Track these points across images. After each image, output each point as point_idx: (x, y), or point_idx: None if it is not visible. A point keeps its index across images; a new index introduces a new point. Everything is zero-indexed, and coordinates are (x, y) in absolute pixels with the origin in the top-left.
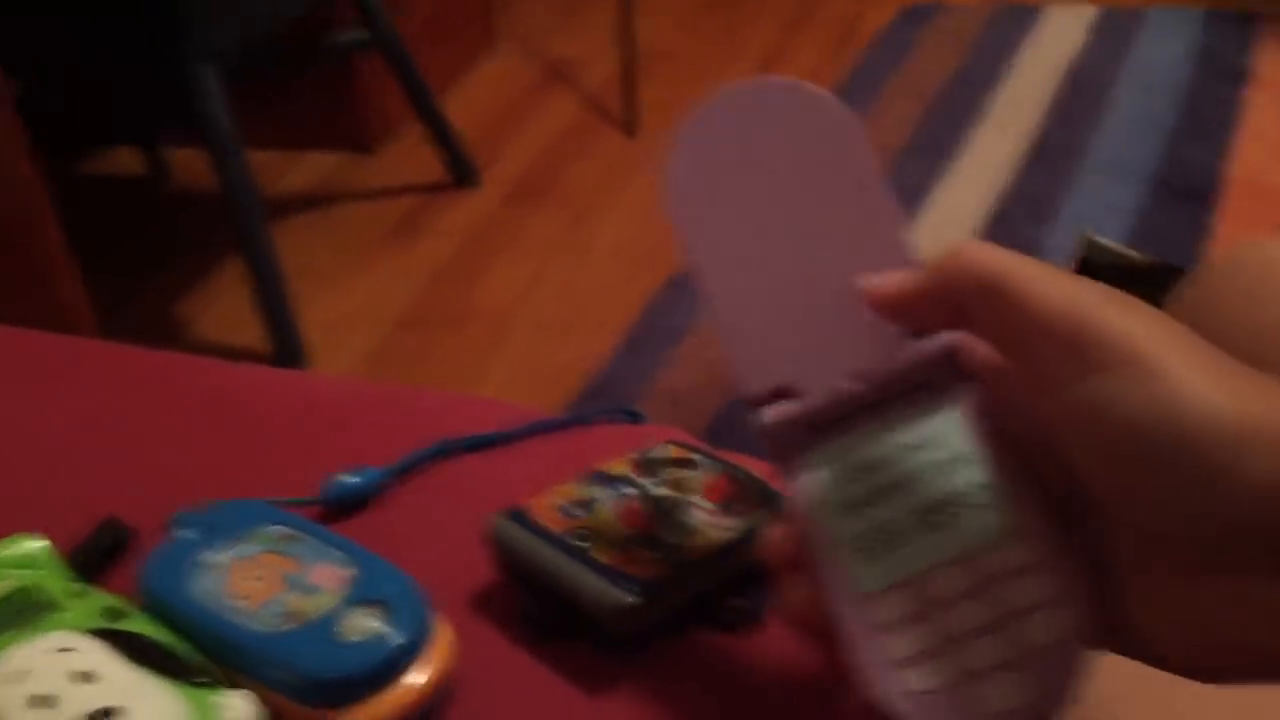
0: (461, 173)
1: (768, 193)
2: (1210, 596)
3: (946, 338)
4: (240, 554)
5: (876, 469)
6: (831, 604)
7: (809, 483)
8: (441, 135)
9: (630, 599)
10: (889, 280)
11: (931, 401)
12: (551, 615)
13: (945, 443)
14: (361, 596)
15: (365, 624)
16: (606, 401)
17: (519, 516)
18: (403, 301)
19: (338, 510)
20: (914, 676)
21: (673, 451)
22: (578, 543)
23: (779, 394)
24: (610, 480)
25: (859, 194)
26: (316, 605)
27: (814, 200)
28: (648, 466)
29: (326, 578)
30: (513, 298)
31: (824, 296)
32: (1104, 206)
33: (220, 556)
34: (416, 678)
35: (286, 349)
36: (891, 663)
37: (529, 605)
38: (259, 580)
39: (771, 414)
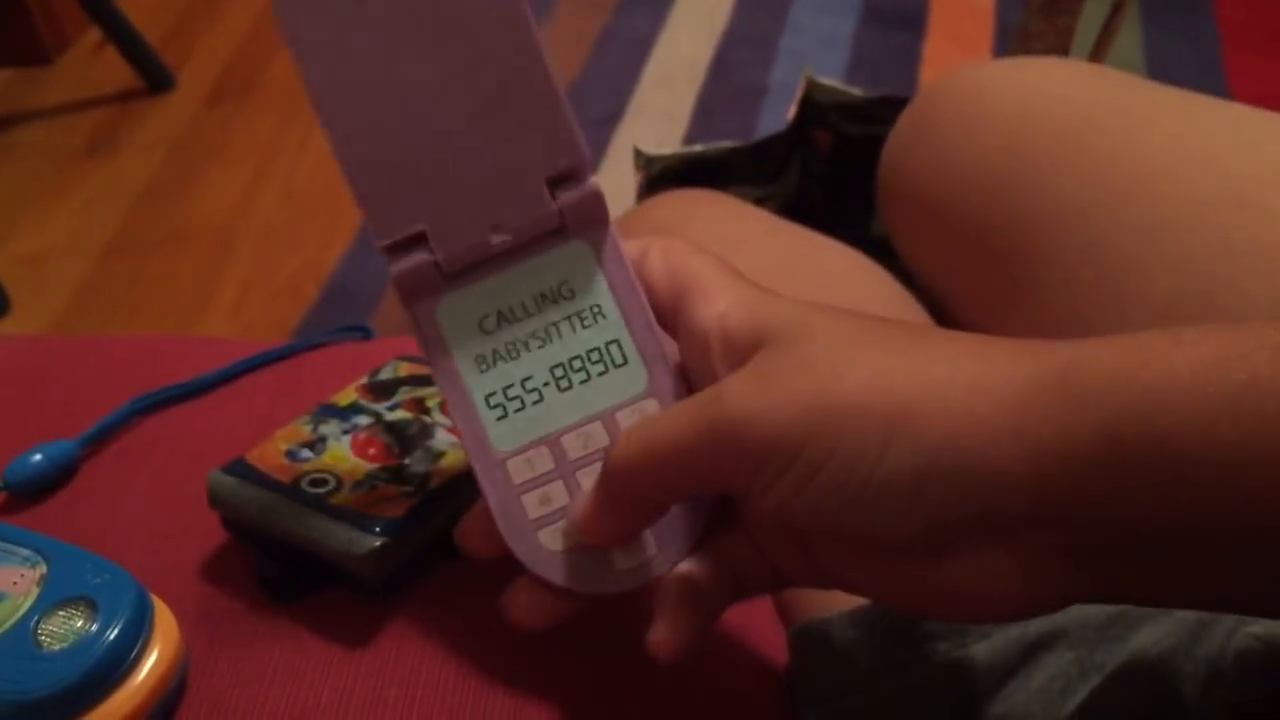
0: (153, 77)
1: (393, 13)
2: (934, 572)
3: (594, 183)
4: None
5: (510, 321)
6: (470, 461)
7: (439, 336)
8: (124, 38)
9: (375, 542)
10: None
11: (569, 245)
12: (290, 574)
13: (582, 292)
14: (59, 596)
15: (68, 627)
16: (348, 307)
17: (241, 469)
18: (109, 226)
19: (26, 496)
20: (548, 535)
21: (403, 369)
22: (311, 489)
23: (412, 241)
24: (339, 412)
25: (497, 20)
26: (5, 615)
27: (447, 27)
28: (379, 389)
29: (12, 581)
30: (230, 209)
31: (459, 135)
32: (820, 40)
33: None
34: (141, 675)
35: None
36: (528, 522)
37: (264, 566)
38: None
39: (400, 265)
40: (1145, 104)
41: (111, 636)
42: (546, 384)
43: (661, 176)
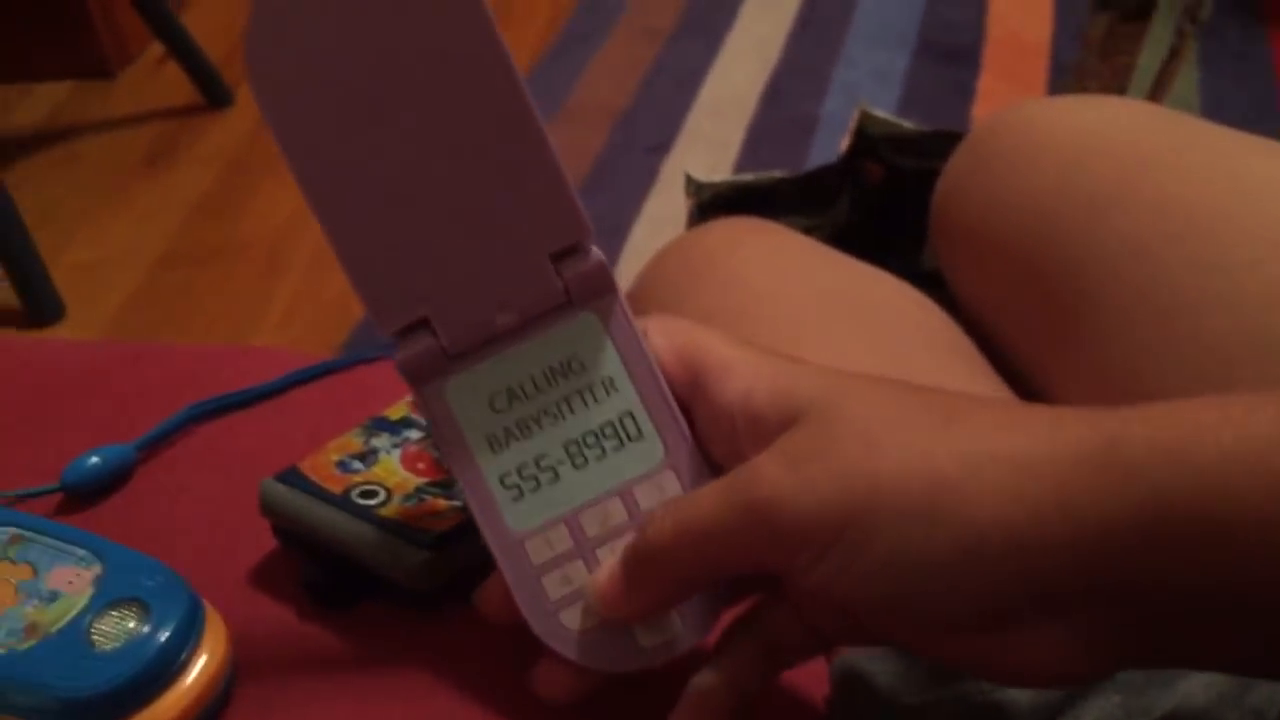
0: (213, 93)
1: (374, 84)
2: (998, 643)
3: (598, 254)
4: None
5: (521, 399)
6: (486, 543)
7: (449, 418)
8: (185, 53)
9: (422, 554)
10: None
11: (576, 317)
12: (338, 583)
13: (593, 365)
14: (112, 596)
15: (121, 627)
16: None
17: (293, 478)
18: (163, 238)
19: (82, 497)
20: (569, 615)
21: None
22: (361, 500)
23: (415, 325)
24: (391, 425)
25: (487, 89)
26: (60, 614)
27: (439, 105)
28: None
29: (68, 580)
30: (282, 223)
31: (457, 215)
32: (873, 73)
33: None
34: (190, 677)
35: (38, 303)
36: (549, 603)
37: (312, 574)
38: None
39: (405, 351)
40: (1202, 144)
41: (162, 638)
42: (561, 461)
43: (712, 203)
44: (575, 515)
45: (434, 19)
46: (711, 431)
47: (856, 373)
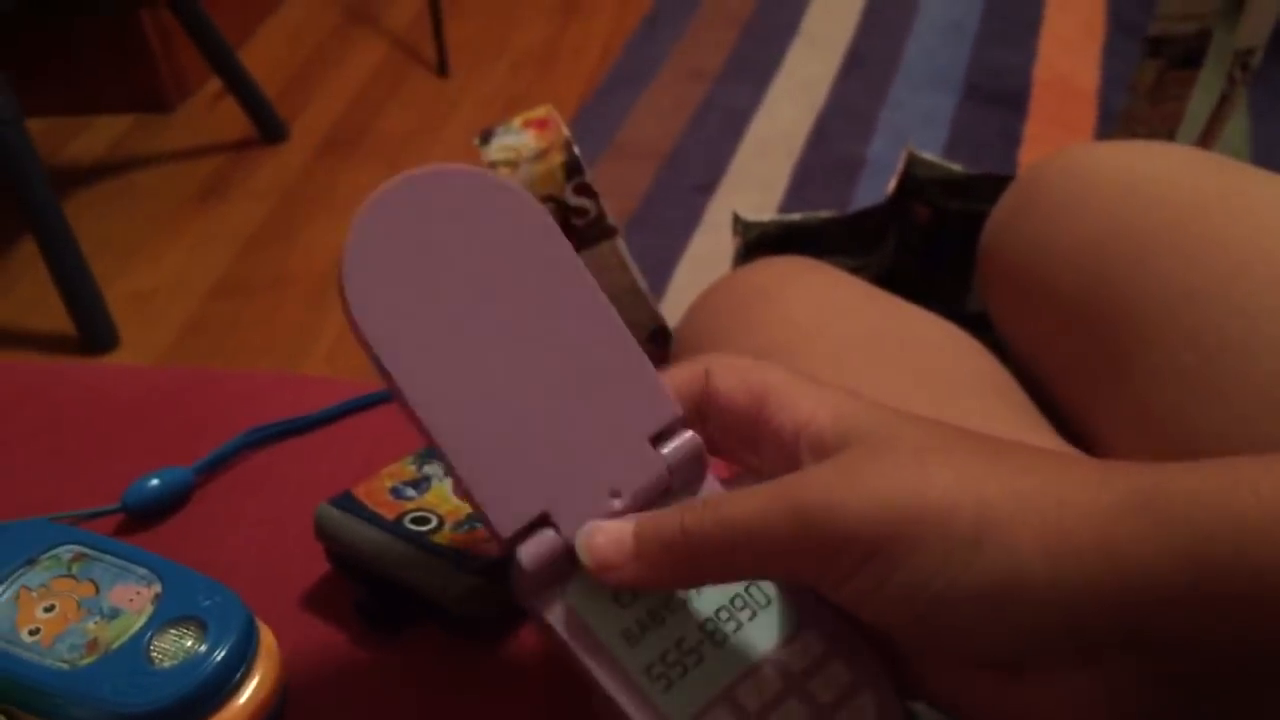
0: (268, 128)
1: (469, 303)
2: (1017, 690)
3: (693, 435)
4: (27, 583)
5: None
6: None
7: (578, 622)
8: (243, 89)
9: (471, 581)
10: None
11: (678, 497)
12: (389, 607)
13: None
14: (171, 615)
15: (178, 645)
16: None
17: (347, 503)
18: (216, 269)
19: (142, 518)
20: None
21: None
22: (413, 527)
23: (533, 526)
24: None
25: (566, 292)
26: (121, 630)
27: (520, 306)
28: None
29: (129, 598)
30: (332, 256)
31: (555, 411)
32: (920, 116)
33: (3, 589)
34: (244, 697)
35: (93, 330)
36: None
37: (364, 598)
38: (51, 610)
39: (530, 552)
40: (1251, 190)
41: (219, 657)
42: (701, 641)
43: (758, 242)
44: (731, 691)
45: (517, 242)
46: (775, 458)
47: (913, 413)
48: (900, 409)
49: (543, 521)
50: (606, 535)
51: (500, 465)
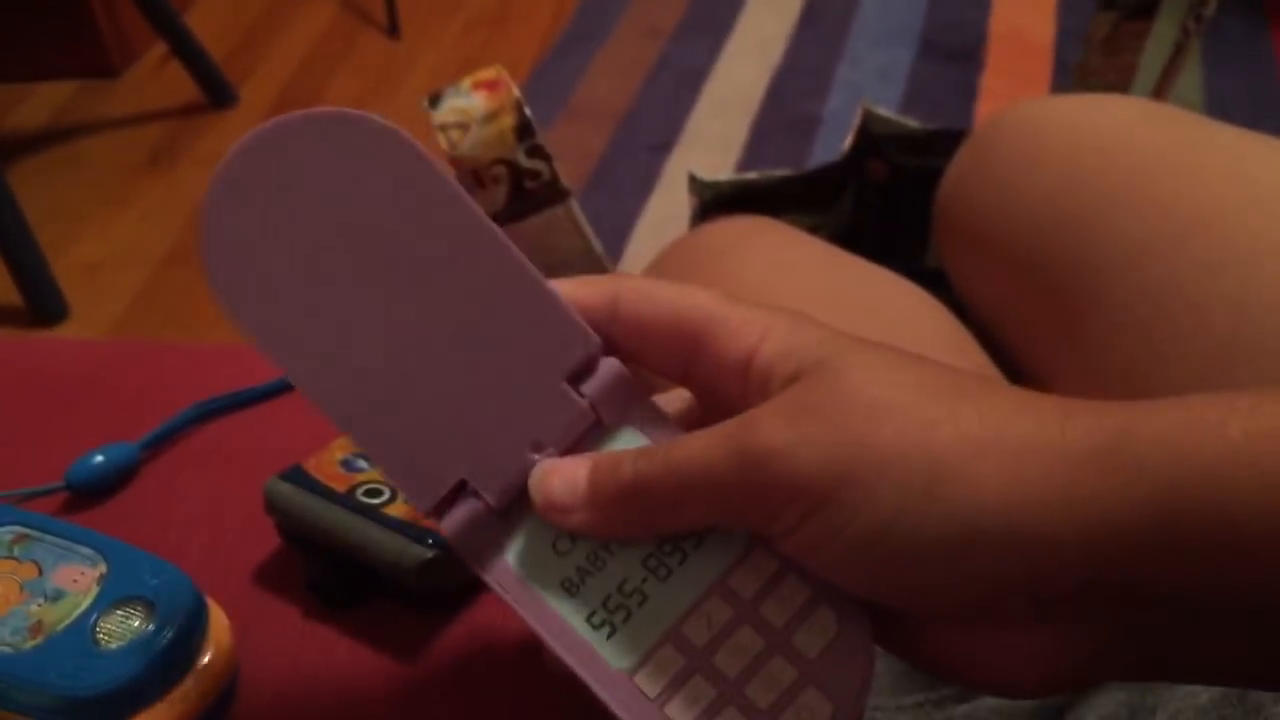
0: (216, 92)
1: (350, 261)
2: (969, 641)
3: (614, 362)
4: None
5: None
6: (593, 693)
7: (515, 579)
8: (189, 53)
9: (426, 554)
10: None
11: (614, 432)
12: (343, 582)
13: None
14: (118, 595)
15: (125, 626)
16: None
17: (298, 477)
18: (168, 237)
19: (87, 495)
20: None
21: None
22: (366, 499)
23: (454, 493)
24: None
25: (457, 237)
26: (65, 612)
27: (408, 258)
28: None
29: (73, 579)
30: None
31: (459, 368)
32: (877, 72)
33: None
34: (194, 677)
35: (41, 302)
36: None
37: (317, 573)
38: None
39: (455, 522)
40: (1206, 142)
41: (167, 637)
42: (644, 579)
43: (715, 202)
44: (678, 629)
45: (399, 188)
46: (715, 391)
47: (865, 338)
48: (857, 335)
49: (463, 488)
50: (561, 478)
51: (407, 435)
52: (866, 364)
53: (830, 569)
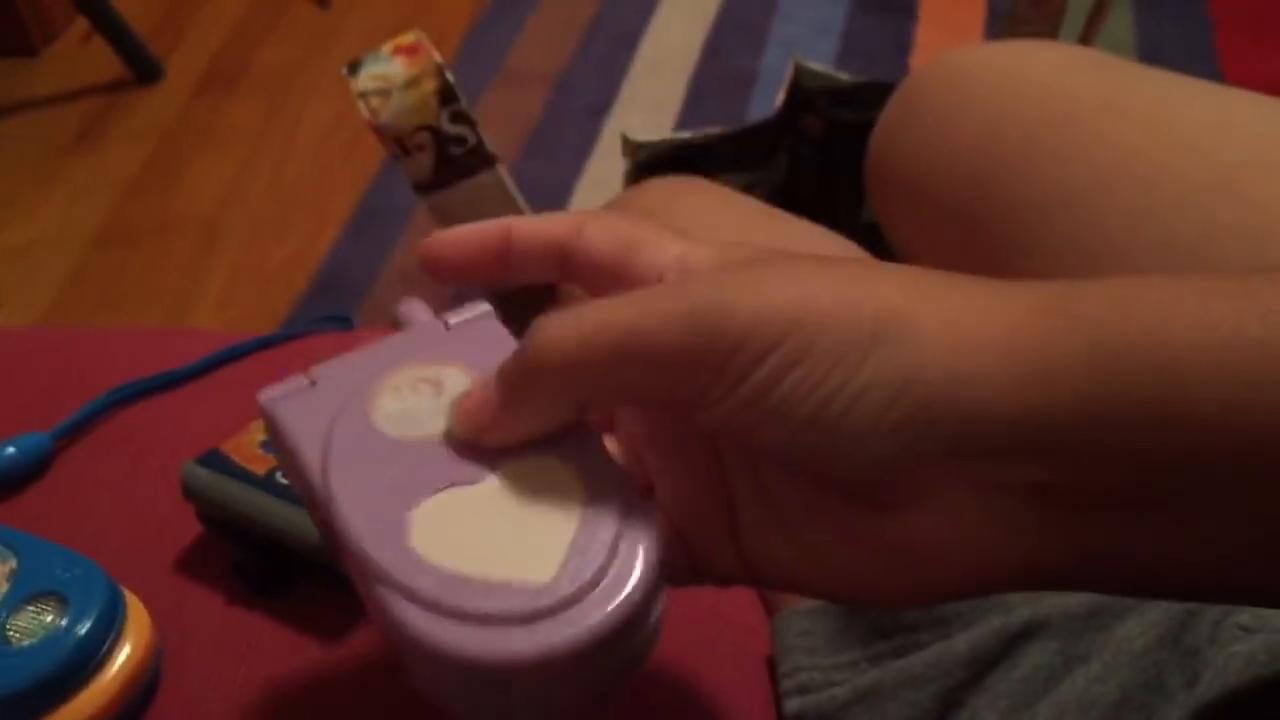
0: (141, 68)
1: None
2: (879, 520)
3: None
4: None
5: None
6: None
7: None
8: (111, 28)
9: None
10: None
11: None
12: (267, 566)
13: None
14: (29, 591)
15: (37, 622)
16: (338, 296)
17: (215, 460)
18: (97, 218)
19: None
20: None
21: None
22: (286, 481)
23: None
24: None
25: None
26: None
27: None
28: None
29: None
30: (218, 198)
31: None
32: (811, 26)
33: None
34: (112, 670)
35: None
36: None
37: (240, 559)
38: None
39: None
40: (1132, 87)
41: (81, 632)
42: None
43: (649, 163)
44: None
45: None
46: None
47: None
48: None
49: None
50: (470, 395)
51: None
52: (799, 257)
53: (758, 428)
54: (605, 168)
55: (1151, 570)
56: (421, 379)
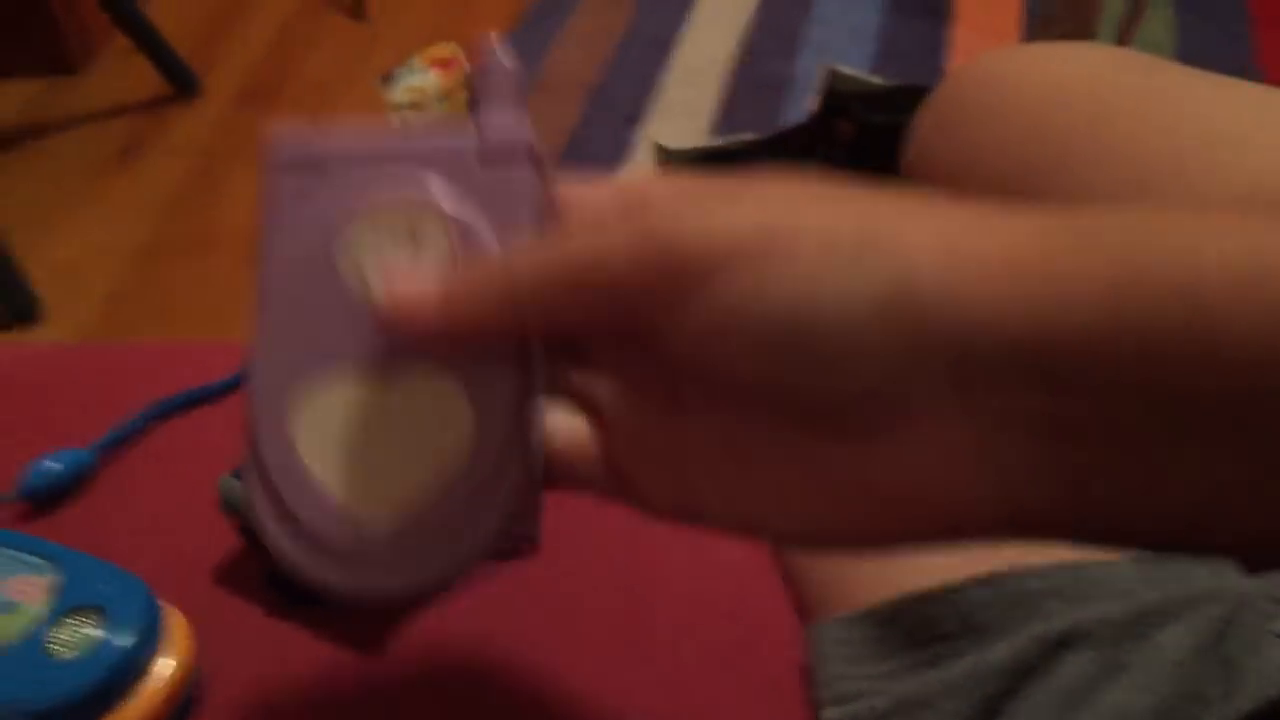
0: (181, 83)
1: None
2: (860, 452)
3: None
4: None
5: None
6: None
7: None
8: (151, 44)
9: None
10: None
11: None
12: None
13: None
14: (72, 604)
15: (79, 635)
16: None
17: None
18: (139, 233)
19: (42, 504)
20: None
21: None
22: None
23: None
24: None
25: None
26: (18, 624)
27: None
28: None
29: (25, 590)
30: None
31: None
32: (847, 31)
33: None
34: (153, 681)
35: (14, 305)
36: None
37: (277, 571)
38: None
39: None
40: (1170, 88)
41: (122, 644)
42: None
43: (681, 170)
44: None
45: None
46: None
47: None
48: None
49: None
50: (407, 276)
51: None
52: (780, 178)
53: (724, 358)
54: (641, 174)
55: (1148, 515)
56: (410, 224)
